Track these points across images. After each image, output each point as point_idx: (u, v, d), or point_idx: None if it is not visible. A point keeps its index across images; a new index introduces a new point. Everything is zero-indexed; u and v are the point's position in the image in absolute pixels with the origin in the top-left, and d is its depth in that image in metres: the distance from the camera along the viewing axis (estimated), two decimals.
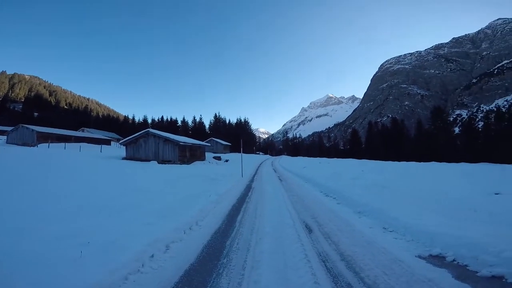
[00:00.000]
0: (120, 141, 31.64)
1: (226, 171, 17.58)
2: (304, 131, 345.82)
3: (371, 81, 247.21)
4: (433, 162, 29.84)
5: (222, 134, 65.61)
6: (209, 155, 34.81)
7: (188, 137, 41.46)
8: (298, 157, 60.30)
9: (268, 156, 76.95)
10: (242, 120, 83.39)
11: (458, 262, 3.63)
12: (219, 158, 32.35)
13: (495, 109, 52.77)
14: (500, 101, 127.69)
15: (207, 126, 76.75)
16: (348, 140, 71.68)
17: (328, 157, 52.28)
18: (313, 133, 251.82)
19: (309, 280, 3.23)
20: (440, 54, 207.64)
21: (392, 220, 5.47)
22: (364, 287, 3.07)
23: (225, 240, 4.88)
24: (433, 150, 39.67)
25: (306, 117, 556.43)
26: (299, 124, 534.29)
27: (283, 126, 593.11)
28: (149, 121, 77.40)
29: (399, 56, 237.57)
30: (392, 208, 6.20)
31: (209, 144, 38.94)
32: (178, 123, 75.70)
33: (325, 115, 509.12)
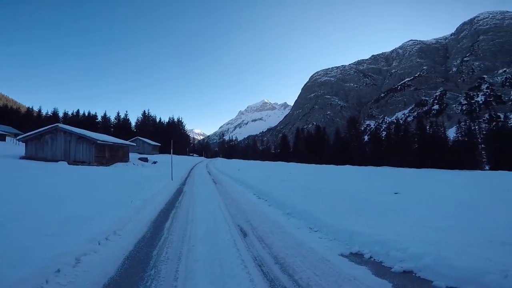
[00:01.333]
0: (18, 137, 25.97)
1: (153, 174, 16.23)
2: (240, 134, 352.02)
3: (301, 90, 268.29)
4: (347, 165, 34.27)
5: (151, 133, 60.66)
6: (134, 156, 31.65)
7: (110, 135, 36.86)
8: (234, 159, 60.78)
9: (203, 158, 75.06)
10: (175, 120, 78.90)
11: (375, 259, 3.94)
12: (145, 160, 29.77)
13: (395, 121, 64.22)
14: (399, 114, 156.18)
15: (133, 124, 69.66)
16: (279, 144, 76.31)
17: (261, 160, 54.38)
18: (248, 136, 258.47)
19: (248, 286, 3.18)
20: (360, 69, 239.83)
21: (316, 220, 5.82)
22: None
23: (152, 249, 4.45)
24: (348, 155, 45.60)
25: (243, 120, 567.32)
26: (235, 127, 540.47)
27: (220, 128, 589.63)
28: (61, 114, 65.66)
29: (328, 69, 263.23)
30: (315, 209, 6.65)
31: (135, 144, 35.62)
32: (97, 119, 66.41)
33: (260, 119, 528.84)
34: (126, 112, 69.05)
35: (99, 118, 66.81)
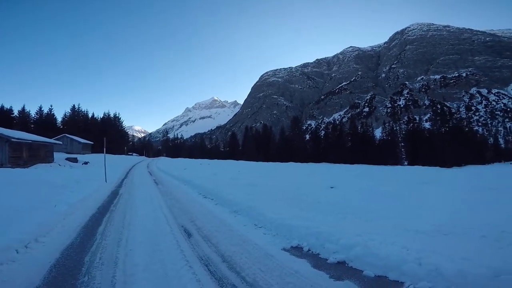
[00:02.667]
0: None
1: (84, 176, 14.45)
2: (187, 132, 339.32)
3: (251, 89, 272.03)
4: (291, 162, 36.20)
5: (81, 130, 53.65)
6: (60, 156, 27.66)
7: (30, 132, 31.54)
8: (179, 158, 58.21)
9: (143, 157, 69.86)
10: (111, 115, 71.48)
11: (312, 252, 4.17)
12: (75, 160, 26.33)
13: (332, 122, 70.30)
14: (336, 115, 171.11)
15: (59, 120, 60.52)
16: (228, 143, 76.02)
17: (209, 159, 53.35)
18: (196, 134, 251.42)
19: (195, 287, 3.11)
20: (305, 72, 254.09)
21: (260, 216, 5.94)
22: (247, 286, 3.13)
23: (83, 255, 4.10)
24: (291, 153, 48.13)
25: (190, 118, 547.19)
26: (181, 124, 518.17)
27: (164, 125, 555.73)
28: None
29: (276, 70, 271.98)
30: (260, 205, 6.78)
31: (61, 143, 31.36)
32: (13, 114, 55.68)
33: (209, 117, 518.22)
34: (51, 106, 58.92)
35: (16, 113, 56.06)
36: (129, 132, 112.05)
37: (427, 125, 61.24)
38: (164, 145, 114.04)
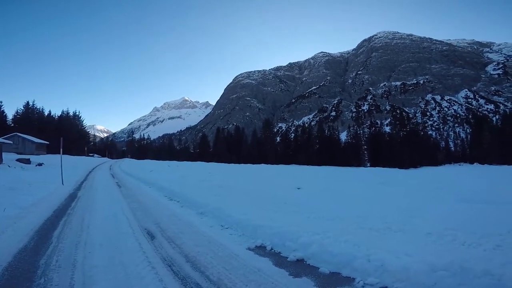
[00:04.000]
0: None
1: (37, 178, 13.29)
2: (155, 132, 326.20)
3: (224, 90, 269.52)
4: (262, 164, 36.66)
5: (36, 129, 49.02)
6: (10, 157, 25.03)
7: None
8: (146, 160, 55.73)
9: (106, 159, 65.77)
10: (71, 114, 66.48)
11: (275, 250, 4.32)
12: (27, 161, 24.01)
13: (301, 125, 72.45)
14: (305, 118, 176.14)
15: (10, 117, 54.73)
16: (198, 144, 74.68)
17: (178, 160, 51.86)
18: (164, 135, 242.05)
19: (157, 286, 3.12)
20: (277, 75, 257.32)
21: (227, 217, 6.00)
22: (211, 284, 3.18)
23: (38, 258, 3.97)
24: (263, 155, 48.79)
25: (158, 118, 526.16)
26: (149, 124, 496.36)
27: (129, 124, 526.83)
28: None
29: (250, 72, 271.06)
30: (228, 207, 6.82)
31: (11, 142, 28.61)
32: None
33: (179, 117, 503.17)
34: (1, 102, 52.92)
35: None
36: (90, 132, 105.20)
37: (387, 129, 65.80)
38: (129, 146, 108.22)
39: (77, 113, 68.11)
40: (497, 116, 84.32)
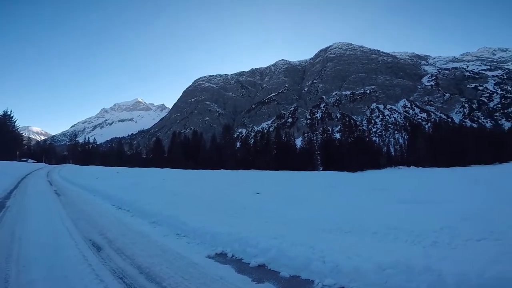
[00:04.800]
0: None
1: None
2: (102, 136, 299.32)
3: (183, 93, 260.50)
4: (221, 169, 36.21)
5: None
6: None
7: None
8: (91, 166, 50.61)
9: (43, 164, 58.13)
10: (0, 113, 57.51)
11: (236, 257, 4.26)
12: None
13: (260, 130, 73.75)
14: (264, 124, 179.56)
15: None
16: (152, 149, 70.56)
17: (128, 166, 48.19)
18: (113, 139, 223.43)
19: None
20: (239, 80, 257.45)
21: (183, 226, 5.77)
22: None
23: None
24: (222, 160, 48.28)
25: (106, 120, 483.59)
26: (95, 127, 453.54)
27: (72, 127, 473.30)
28: None
29: (212, 75, 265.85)
30: (184, 214, 6.55)
31: None
32: None
33: (130, 120, 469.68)
34: None
35: None
36: (24, 134, 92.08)
37: (337, 135, 70.75)
38: (71, 151, 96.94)
39: (9, 113, 58.90)
40: (429, 124, 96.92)
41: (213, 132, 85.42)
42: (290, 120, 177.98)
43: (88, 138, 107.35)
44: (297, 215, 6.52)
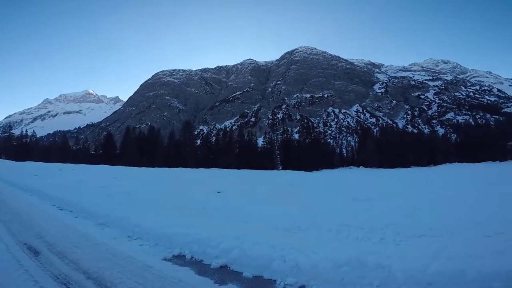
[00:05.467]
0: None
1: None
2: (43, 129, 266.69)
3: (140, 86, 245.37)
4: (180, 168, 34.95)
5: None
6: None
7: None
8: (28, 162, 44.66)
9: None
10: None
11: (196, 258, 4.12)
12: None
13: (223, 128, 73.02)
14: (227, 123, 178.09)
15: None
16: (102, 144, 64.86)
17: (74, 163, 43.62)
18: (56, 132, 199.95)
19: None
20: (204, 77, 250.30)
21: (135, 227, 5.46)
22: None
23: None
24: (181, 158, 46.59)
25: (50, 111, 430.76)
26: (35, 119, 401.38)
27: (6, 118, 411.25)
28: None
29: (174, 70, 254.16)
30: (136, 215, 6.20)
31: None
32: None
33: (78, 112, 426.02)
34: None
35: None
36: None
37: (296, 136, 73.62)
38: (4, 144, 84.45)
39: None
40: (377, 128, 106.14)
41: (172, 129, 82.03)
42: (253, 119, 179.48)
43: (26, 131, 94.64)
44: (259, 214, 6.57)
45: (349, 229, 5.14)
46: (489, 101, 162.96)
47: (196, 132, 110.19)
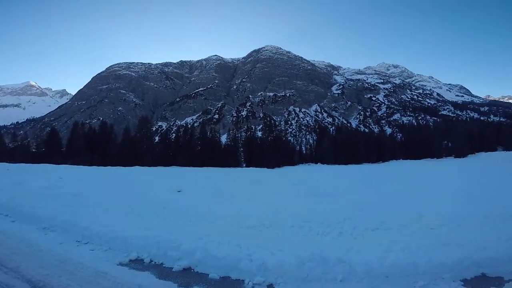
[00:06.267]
0: None
1: None
2: None
3: (92, 79, 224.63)
4: (136, 166, 32.85)
5: None
6: None
7: None
8: None
9: None
10: None
11: (155, 262, 3.89)
12: None
13: (184, 125, 70.47)
14: (188, 119, 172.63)
15: None
16: (44, 141, 57.88)
17: (10, 162, 38.18)
18: None
19: None
20: (165, 71, 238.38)
21: (85, 231, 5.04)
22: None
23: None
24: (137, 156, 43.85)
25: None
26: None
27: None
28: None
29: (132, 63, 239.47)
30: (85, 218, 5.72)
31: None
32: None
33: (17, 105, 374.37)
34: None
35: None
36: None
37: (259, 134, 74.53)
38: None
39: None
40: (333, 128, 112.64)
41: (127, 124, 76.63)
42: (216, 116, 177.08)
43: None
44: (223, 212, 6.47)
45: (310, 224, 5.31)
46: (429, 104, 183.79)
47: (154, 129, 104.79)
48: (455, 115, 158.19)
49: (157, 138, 60.30)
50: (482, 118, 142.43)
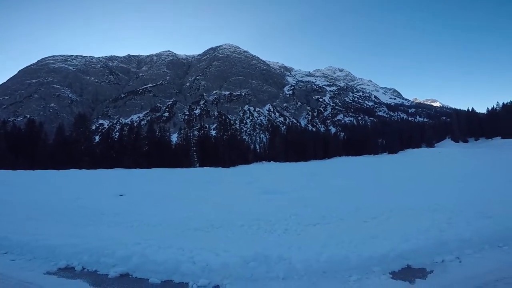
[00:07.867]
0: None
1: None
2: None
3: (19, 72, 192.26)
4: (72, 169, 29.37)
5: None
6: None
7: None
8: None
9: None
10: None
11: (88, 269, 3.62)
12: None
13: (129, 123, 65.34)
14: (135, 117, 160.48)
15: None
16: None
17: None
18: None
19: None
20: (108, 65, 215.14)
21: (3, 241, 4.50)
22: None
23: None
24: (73, 158, 39.24)
25: None
26: None
27: None
28: None
29: (70, 56, 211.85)
30: (4, 227, 5.12)
31: None
32: None
33: None
34: None
35: None
36: None
37: (214, 132, 73.51)
38: None
39: None
40: (284, 127, 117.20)
41: (61, 122, 67.92)
42: (166, 114, 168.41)
43: None
44: (169, 215, 6.22)
45: (259, 223, 5.42)
46: (368, 106, 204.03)
47: (94, 127, 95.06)
48: (388, 116, 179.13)
49: (97, 138, 54.78)
50: (410, 118, 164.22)
